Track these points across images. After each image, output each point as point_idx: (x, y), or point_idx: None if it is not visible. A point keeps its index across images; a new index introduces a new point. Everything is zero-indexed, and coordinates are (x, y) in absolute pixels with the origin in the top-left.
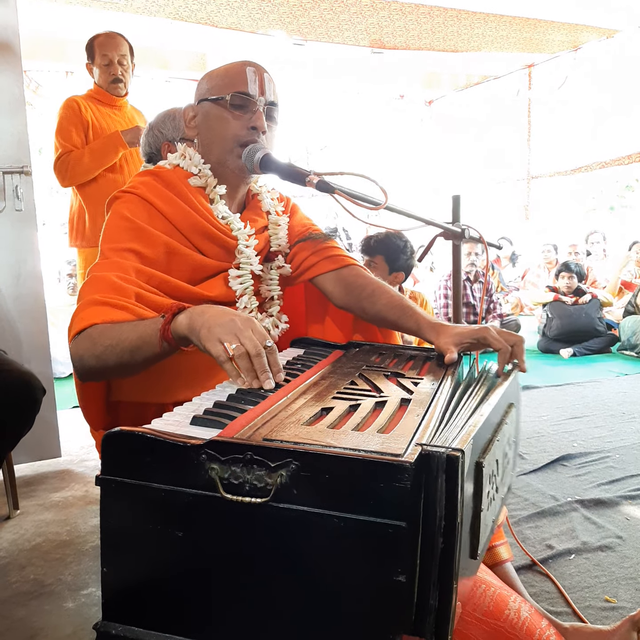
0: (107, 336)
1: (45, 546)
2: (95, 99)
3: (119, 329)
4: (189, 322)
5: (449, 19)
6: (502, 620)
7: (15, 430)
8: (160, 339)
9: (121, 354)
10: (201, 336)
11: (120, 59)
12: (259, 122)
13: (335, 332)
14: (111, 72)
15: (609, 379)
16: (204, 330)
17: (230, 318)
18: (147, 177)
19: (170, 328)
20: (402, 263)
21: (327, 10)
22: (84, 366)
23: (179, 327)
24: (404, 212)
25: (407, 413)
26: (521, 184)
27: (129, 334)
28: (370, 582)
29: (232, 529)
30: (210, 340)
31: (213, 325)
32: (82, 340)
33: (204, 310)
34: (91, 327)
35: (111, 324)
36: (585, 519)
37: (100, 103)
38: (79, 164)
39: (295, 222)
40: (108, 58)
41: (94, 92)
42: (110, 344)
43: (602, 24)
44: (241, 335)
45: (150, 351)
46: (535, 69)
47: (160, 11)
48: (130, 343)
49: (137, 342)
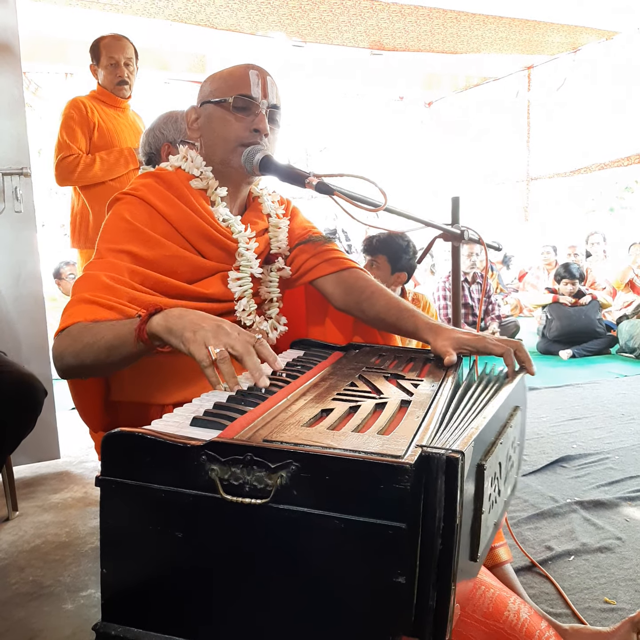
0: (86, 334)
1: (45, 548)
2: (99, 100)
3: (97, 327)
4: (165, 323)
5: (448, 20)
6: (501, 621)
7: (16, 431)
8: (135, 339)
9: (98, 353)
10: (185, 338)
11: (127, 61)
12: (261, 124)
13: (335, 334)
14: (117, 74)
15: (608, 380)
16: (187, 333)
17: (217, 323)
18: (149, 178)
19: (145, 328)
20: (405, 263)
21: (327, 12)
22: (63, 363)
23: (155, 327)
24: (404, 213)
25: (407, 415)
26: (520, 186)
27: (106, 333)
28: (370, 583)
29: (232, 530)
30: (195, 342)
31: (198, 328)
32: (63, 337)
33: (182, 314)
34: (73, 325)
35: (93, 322)
36: (584, 521)
37: (105, 104)
38: (89, 170)
39: (295, 224)
40: (115, 60)
41: (97, 94)
42: (88, 342)
43: (601, 26)
44: (228, 338)
45: (126, 350)
46: (535, 71)
47: (159, 13)
48: (107, 342)
49: (113, 341)
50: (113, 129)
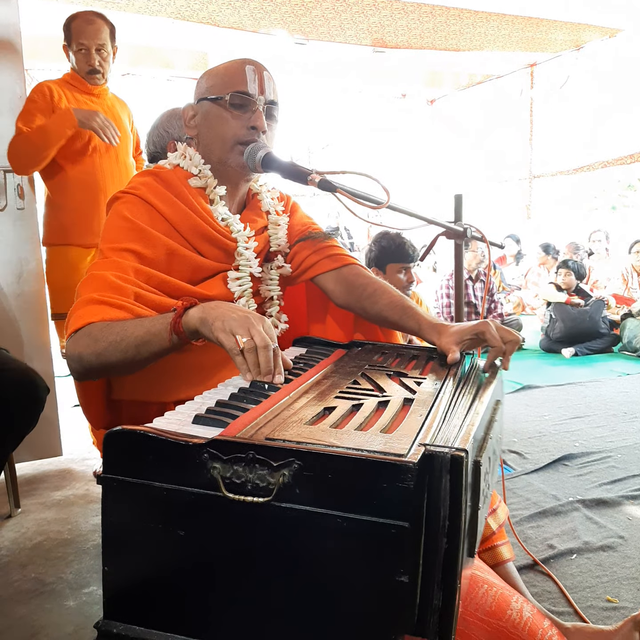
0: (110, 332)
1: (47, 545)
2: (71, 85)
3: (122, 325)
4: (201, 315)
5: (451, 18)
6: (504, 620)
7: (19, 429)
8: (170, 332)
9: (126, 349)
10: (214, 327)
11: (99, 47)
12: (258, 121)
13: (336, 331)
14: (88, 62)
15: (610, 378)
16: (217, 322)
17: (245, 314)
18: (148, 177)
19: (181, 321)
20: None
21: (329, 9)
22: (83, 364)
23: (191, 320)
24: (406, 211)
25: (410, 413)
26: (523, 183)
27: (135, 329)
28: (373, 582)
29: (234, 528)
30: (223, 331)
31: (228, 318)
32: (80, 338)
33: (218, 305)
34: (89, 325)
35: (110, 322)
36: (587, 519)
37: (77, 90)
38: (28, 144)
39: (295, 221)
40: (85, 46)
41: (70, 78)
42: (114, 339)
43: (604, 23)
44: (253, 329)
45: (158, 345)
46: (538, 68)
47: (161, 11)
48: (137, 338)
49: (144, 336)
50: None
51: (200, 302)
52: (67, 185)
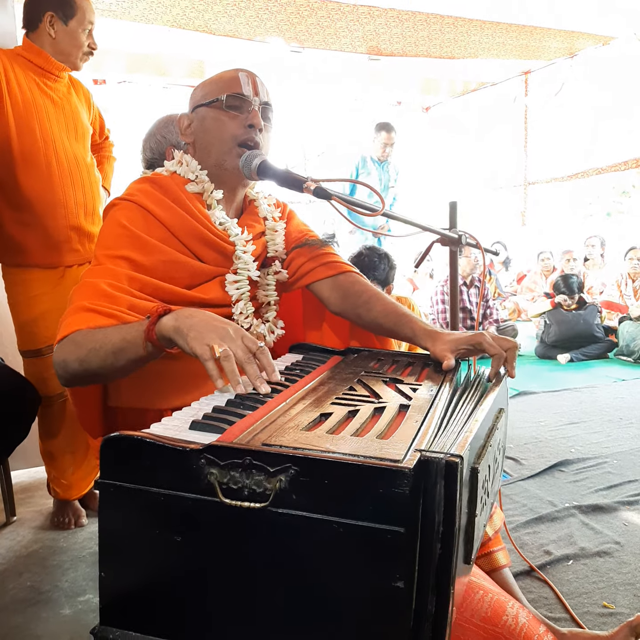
0: (91, 339)
1: (42, 553)
2: (26, 60)
3: (103, 332)
4: (174, 323)
5: (446, 26)
6: (500, 626)
7: (9, 439)
8: (144, 340)
9: (104, 357)
10: (190, 337)
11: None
12: (255, 119)
13: (332, 338)
14: (89, 44)
15: (606, 384)
16: (193, 332)
17: (222, 326)
18: (145, 184)
19: (154, 329)
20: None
21: (324, 17)
22: (67, 371)
23: (164, 328)
24: (401, 218)
25: (406, 419)
26: (518, 190)
27: (112, 336)
28: (369, 587)
29: (230, 533)
30: (198, 341)
31: (204, 330)
32: (65, 344)
33: (192, 314)
34: (75, 332)
35: (95, 329)
36: (583, 525)
37: (31, 67)
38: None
39: (292, 228)
40: (92, 26)
41: (25, 51)
42: (93, 347)
43: (598, 31)
44: (232, 343)
45: (133, 353)
46: (532, 76)
47: (157, 19)
48: (114, 345)
49: (120, 343)
50: (32, 100)
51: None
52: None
